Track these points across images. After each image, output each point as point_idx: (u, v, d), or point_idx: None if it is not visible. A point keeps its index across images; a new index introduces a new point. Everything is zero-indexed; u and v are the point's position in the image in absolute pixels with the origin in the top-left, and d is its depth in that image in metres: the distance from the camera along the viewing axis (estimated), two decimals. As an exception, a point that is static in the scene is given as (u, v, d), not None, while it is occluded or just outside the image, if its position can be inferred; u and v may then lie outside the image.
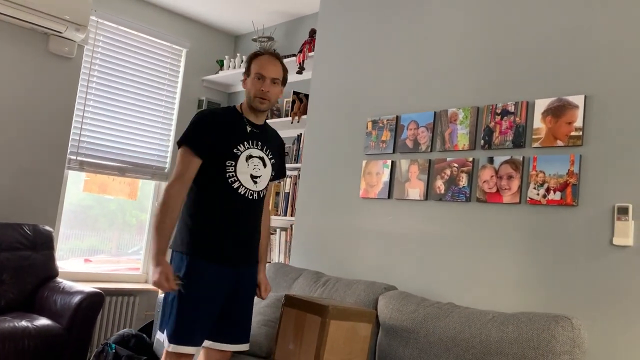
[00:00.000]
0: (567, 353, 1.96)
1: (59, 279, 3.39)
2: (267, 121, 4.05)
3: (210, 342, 2.13)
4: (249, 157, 2.17)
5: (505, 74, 2.63)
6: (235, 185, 2.14)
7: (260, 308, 2.78)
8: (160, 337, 2.08)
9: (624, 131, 2.22)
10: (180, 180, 2.08)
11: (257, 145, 2.21)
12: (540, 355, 1.98)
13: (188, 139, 2.12)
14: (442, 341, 2.26)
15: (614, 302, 2.14)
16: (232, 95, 4.91)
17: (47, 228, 3.54)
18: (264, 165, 2.22)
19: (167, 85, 4.59)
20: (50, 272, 3.42)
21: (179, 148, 2.13)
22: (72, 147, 4.03)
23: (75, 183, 4.15)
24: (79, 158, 4.07)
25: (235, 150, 2.14)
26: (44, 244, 3.46)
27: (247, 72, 2.27)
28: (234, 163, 2.13)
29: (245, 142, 2.18)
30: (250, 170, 2.16)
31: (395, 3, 3.22)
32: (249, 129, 2.21)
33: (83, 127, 4.09)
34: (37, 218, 3.80)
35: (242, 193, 2.15)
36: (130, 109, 4.35)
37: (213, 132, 2.13)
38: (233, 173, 2.13)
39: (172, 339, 2.02)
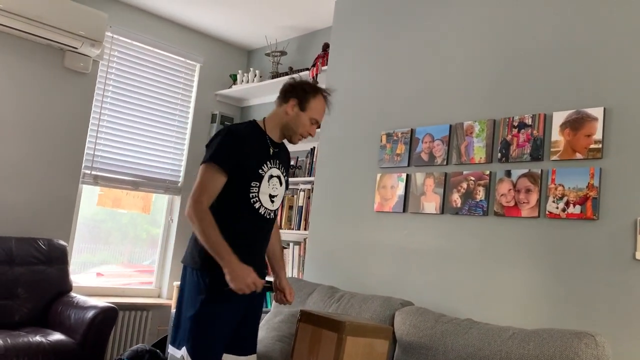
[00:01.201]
0: (592, 371, 1.91)
1: (72, 294, 3.39)
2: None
3: (224, 355, 2.10)
4: (270, 177, 2.14)
5: (522, 86, 2.61)
6: (257, 205, 2.10)
7: (275, 324, 2.75)
8: (177, 353, 2.03)
9: (645, 143, 2.18)
10: (207, 195, 1.99)
11: (277, 164, 2.19)
12: (564, 373, 1.93)
13: (217, 157, 2.03)
14: (461, 358, 2.21)
15: (637, 318, 2.08)
16: (244, 110, 4.93)
17: (62, 242, 3.55)
18: (281, 184, 2.20)
19: (181, 99, 4.61)
20: (64, 286, 3.42)
21: (203, 164, 2.04)
22: (86, 162, 4.05)
23: (89, 197, 4.17)
24: (93, 172, 4.08)
25: (260, 171, 2.10)
26: (59, 258, 3.46)
27: (301, 104, 2.16)
28: (258, 184, 2.09)
29: (268, 162, 2.14)
30: (270, 190, 2.13)
31: (409, 16, 3.22)
32: (272, 150, 2.18)
33: (97, 141, 4.12)
34: (52, 232, 3.81)
35: (262, 213, 2.11)
36: (144, 124, 4.37)
37: (241, 152, 2.06)
38: (256, 194, 2.09)
39: (199, 358, 1.96)
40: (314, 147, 3.89)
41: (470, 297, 2.62)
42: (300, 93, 2.17)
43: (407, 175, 3.00)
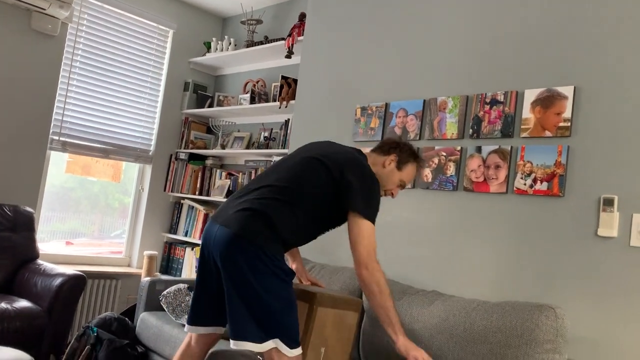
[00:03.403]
0: (550, 342, 1.98)
1: (39, 261, 3.34)
2: (255, 105, 4.01)
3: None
4: None
5: (496, 64, 2.63)
6: (320, 233, 2.15)
7: (245, 293, 2.76)
8: (265, 347, 1.90)
9: (611, 123, 2.23)
10: (374, 255, 1.98)
11: None
12: (524, 343, 2.00)
13: (375, 214, 2.02)
14: (427, 328, 2.27)
15: (598, 292, 2.16)
16: (219, 78, 4.85)
17: (28, 209, 3.48)
18: None
19: (153, 66, 4.51)
20: (30, 254, 3.37)
21: (365, 220, 1.97)
22: (54, 127, 3.95)
23: (58, 164, 4.08)
24: (61, 138, 3.99)
25: None
26: (25, 225, 3.40)
27: (399, 164, 2.20)
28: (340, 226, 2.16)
29: None
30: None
31: (387, -11, 3.18)
32: None
33: (66, 107, 4.01)
34: (18, 199, 3.73)
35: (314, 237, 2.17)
36: (114, 90, 4.27)
37: None
38: (331, 229, 2.15)
39: (297, 343, 1.93)
40: (288, 119, 3.87)
41: (437, 271, 2.67)
42: (404, 153, 2.21)
43: (380, 149, 3.01)
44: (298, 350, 1.94)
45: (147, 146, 4.49)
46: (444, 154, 2.73)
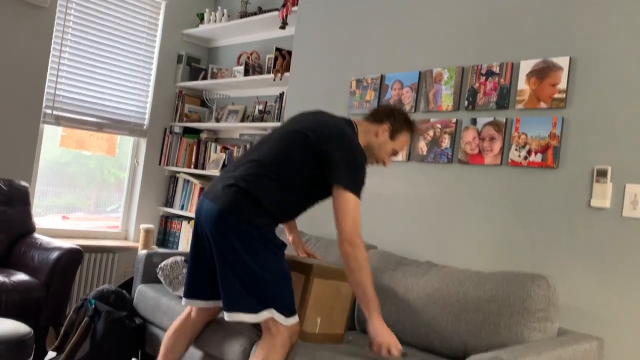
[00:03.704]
0: (542, 311, 2.02)
1: (36, 235, 3.35)
2: (248, 78, 3.98)
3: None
4: None
5: (492, 34, 2.60)
6: (305, 209, 2.16)
7: (241, 265, 2.78)
8: (261, 317, 1.93)
9: (606, 94, 2.23)
10: (357, 229, 1.94)
11: None
12: (516, 312, 2.03)
13: (360, 189, 1.97)
14: (420, 298, 2.30)
15: (590, 262, 2.19)
16: (212, 50, 4.80)
17: (23, 183, 3.47)
18: None
19: (146, 38, 4.45)
20: (26, 227, 3.37)
21: (350, 193, 1.93)
22: (47, 101, 3.91)
23: (52, 138, 4.05)
24: (54, 112, 3.96)
25: None
26: (20, 199, 3.39)
27: (392, 133, 2.17)
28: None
29: None
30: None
31: (382, -42, 3.13)
32: None
33: (59, 80, 3.97)
34: (12, 173, 3.72)
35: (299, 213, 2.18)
36: (107, 63, 4.22)
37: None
38: (316, 204, 2.16)
39: (292, 312, 1.97)
40: (283, 92, 3.84)
41: (432, 242, 2.70)
42: (398, 122, 2.17)
43: (375, 122, 3.01)
44: (294, 319, 1.97)
45: (141, 120, 4.46)
46: (439, 126, 2.73)
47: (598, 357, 2.04)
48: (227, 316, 1.95)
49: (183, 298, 2.19)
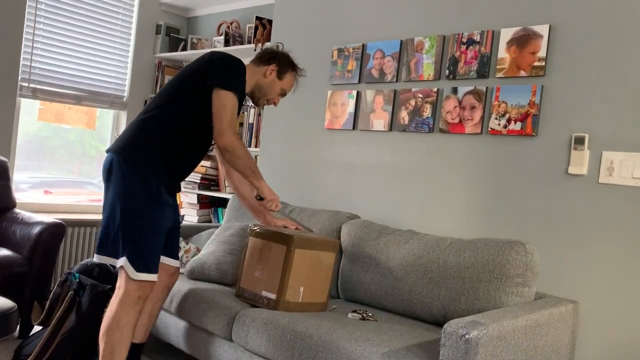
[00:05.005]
0: (520, 276, 2.07)
1: (17, 210, 3.31)
2: (229, 48, 3.92)
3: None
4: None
5: (473, 2, 2.59)
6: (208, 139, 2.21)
7: (226, 237, 2.80)
8: (118, 262, 1.97)
9: (584, 62, 2.24)
10: (234, 127, 2.06)
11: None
12: (495, 278, 2.08)
13: (238, 87, 2.08)
14: (402, 266, 2.34)
15: (567, 228, 2.24)
16: (191, 20, 4.71)
17: (2, 158, 3.42)
18: None
19: (123, 8, 4.34)
20: (7, 203, 3.34)
21: (225, 90, 2.03)
22: (23, 74, 3.83)
23: (30, 112, 3.98)
24: (31, 85, 3.88)
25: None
26: (-1, 174, 3.35)
27: (279, 73, 2.28)
28: None
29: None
30: None
31: None
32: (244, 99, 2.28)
33: (34, 52, 3.87)
34: (-10, 148, 3.66)
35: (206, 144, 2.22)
36: (84, 34, 4.12)
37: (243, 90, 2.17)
38: None
39: (144, 268, 1.96)
40: (265, 62, 3.79)
41: (414, 211, 2.73)
42: (283, 63, 2.27)
43: (358, 93, 3.00)
44: (144, 276, 1.97)
45: (120, 92, 4.39)
46: (421, 95, 2.73)
47: (573, 319, 2.10)
48: (96, 257, 2.04)
49: None
